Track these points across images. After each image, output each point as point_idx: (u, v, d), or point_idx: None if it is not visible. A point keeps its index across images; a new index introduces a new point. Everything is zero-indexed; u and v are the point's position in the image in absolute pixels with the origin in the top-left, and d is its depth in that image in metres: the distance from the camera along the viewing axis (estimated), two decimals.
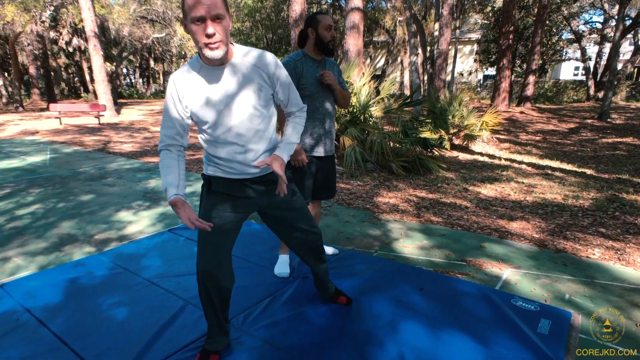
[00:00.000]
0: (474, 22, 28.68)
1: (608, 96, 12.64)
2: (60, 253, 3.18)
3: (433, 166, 6.08)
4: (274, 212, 1.92)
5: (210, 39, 1.45)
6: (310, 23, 2.44)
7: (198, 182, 5.44)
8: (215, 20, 1.44)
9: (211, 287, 1.75)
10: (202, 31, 1.44)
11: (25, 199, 4.65)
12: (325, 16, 2.43)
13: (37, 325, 2.14)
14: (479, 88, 24.56)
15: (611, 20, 20.05)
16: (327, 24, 2.40)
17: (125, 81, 35.56)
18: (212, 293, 1.76)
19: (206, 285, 1.74)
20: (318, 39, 2.42)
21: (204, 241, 1.73)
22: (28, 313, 2.25)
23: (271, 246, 3.17)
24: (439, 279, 2.65)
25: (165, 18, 19.60)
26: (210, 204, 1.74)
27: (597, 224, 3.84)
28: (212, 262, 1.72)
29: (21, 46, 20.79)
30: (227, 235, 1.75)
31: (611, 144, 8.92)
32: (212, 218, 1.71)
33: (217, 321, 1.85)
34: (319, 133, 2.54)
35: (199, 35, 1.45)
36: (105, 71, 14.01)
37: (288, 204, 1.91)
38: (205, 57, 1.53)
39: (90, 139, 9.75)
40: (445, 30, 11.33)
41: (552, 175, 5.88)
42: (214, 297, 1.77)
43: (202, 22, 1.43)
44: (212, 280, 1.73)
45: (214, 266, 1.72)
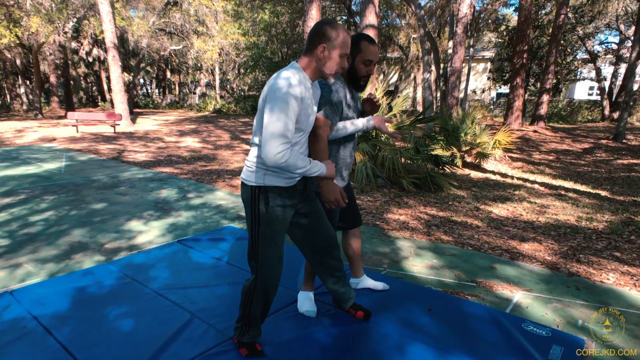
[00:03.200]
0: (487, 41, 28.75)
1: (623, 117, 12.48)
2: (70, 261, 3.21)
3: (444, 184, 6.04)
4: (303, 220, 2.02)
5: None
6: (351, 46, 2.07)
7: (209, 194, 5.47)
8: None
9: (271, 294, 1.98)
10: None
11: (39, 205, 4.73)
12: (371, 47, 2.07)
13: (43, 334, 2.15)
14: (492, 106, 24.46)
15: (627, 41, 19.91)
16: (369, 57, 2.07)
17: (142, 91, 36.27)
18: (272, 287, 1.97)
19: (268, 294, 1.97)
20: (352, 69, 2.11)
21: (272, 254, 1.90)
22: (35, 321, 2.27)
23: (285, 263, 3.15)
24: (448, 300, 2.60)
25: (183, 31, 20.03)
26: (272, 220, 1.86)
27: (612, 248, 3.75)
28: (278, 274, 1.97)
29: (43, 56, 21.40)
30: (281, 241, 1.94)
31: (626, 165, 8.77)
32: (276, 233, 1.88)
33: (263, 317, 2.04)
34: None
35: (342, 63, 1.80)
36: (122, 81, 14.32)
37: (317, 212, 2.04)
38: (319, 73, 1.80)
39: (106, 147, 9.92)
40: (459, 49, 11.36)
41: (566, 196, 5.79)
42: (271, 298, 2.00)
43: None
44: (274, 290, 1.99)
45: (277, 265, 1.94)
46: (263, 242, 1.87)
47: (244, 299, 1.98)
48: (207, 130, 14.47)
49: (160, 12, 19.33)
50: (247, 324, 2.01)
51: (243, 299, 1.98)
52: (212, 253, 3.31)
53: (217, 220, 4.33)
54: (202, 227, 4.09)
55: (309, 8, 8.23)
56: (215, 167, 7.57)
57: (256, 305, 1.96)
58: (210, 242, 3.56)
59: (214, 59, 20.92)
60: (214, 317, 2.33)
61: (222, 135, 12.94)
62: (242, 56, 22.96)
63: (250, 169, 1.83)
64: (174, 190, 5.66)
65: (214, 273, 2.94)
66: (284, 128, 1.63)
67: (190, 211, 4.65)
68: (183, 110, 25.87)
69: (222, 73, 29.86)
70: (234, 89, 31.75)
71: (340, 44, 1.74)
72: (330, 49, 1.74)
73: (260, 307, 1.98)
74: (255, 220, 1.85)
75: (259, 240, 1.87)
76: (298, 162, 1.68)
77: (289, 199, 1.88)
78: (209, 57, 19.85)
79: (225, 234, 3.80)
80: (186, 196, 5.34)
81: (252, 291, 1.95)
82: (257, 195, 1.82)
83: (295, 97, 1.66)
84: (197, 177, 6.59)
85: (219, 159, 8.55)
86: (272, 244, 1.88)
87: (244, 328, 2.02)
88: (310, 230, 2.04)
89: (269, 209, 1.82)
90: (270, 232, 1.86)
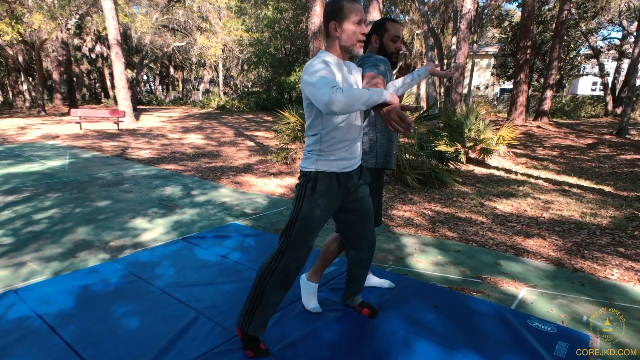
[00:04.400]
0: (491, 36, 28.58)
1: (627, 112, 12.40)
2: (75, 259, 3.22)
3: (448, 180, 6.02)
4: (352, 206, 2.05)
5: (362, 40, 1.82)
6: (376, 29, 2.26)
7: (214, 191, 5.48)
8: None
9: (291, 279, 1.94)
10: (361, 30, 1.80)
11: (43, 203, 4.74)
12: (395, 25, 2.25)
13: (49, 332, 2.16)
14: (495, 101, 24.35)
15: (630, 37, 19.75)
16: (395, 34, 2.24)
17: (145, 88, 36.29)
18: (292, 275, 1.94)
19: (287, 278, 1.93)
20: (381, 48, 2.26)
21: (306, 237, 1.90)
22: (40, 319, 2.28)
23: None
24: (453, 297, 2.60)
25: (186, 27, 19.99)
26: (315, 204, 1.90)
27: (616, 244, 3.73)
28: (304, 259, 1.94)
29: (46, 52, 21.43)
30: (319, 229, 1.94)
31: (630, 160, 8.72)
32: (315, 218, 1.90)
33: (274, 309, 1.98)
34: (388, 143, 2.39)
35: (355, 36, 1.80)
36: (126, 78, 14.33)
37: (365, 202, 2.07)
38: (346, 50, 1.84)
39: (109, 144, 9.94)
40: (463, 44, 11.29)
41: (570, 192, 5.76)
42: (291, 283, 1.95)
43: (359, 25, 1.79)
44: (294, 274, 1.94)
45: (305, 254, 1.93)
46: (300, 222, 1.89)
47: (259, 278, 1.94)
48: (210, 126, 14.47)
49: (164, 8, 19.29)
50: (254, 310, 1.93)
51: (258, 278, 1.95)
52: (217, 250, 3.32)
53: (222, 218, 4.33)
54: (206, 225, 4.10)
55: (313, 4, 8.20)
56: (219, 164, 7.58)
57: (271, 287, 1.92)
58: (215, 240, 3.56)
59: (217, 56, 20.89)
60: (219, 315, 2.33)
61: (226, 132, 12.94)
62: (246, 52, 22.93)
63: (305, 157, 1.93)
64: (178, 187, 5.67)
65: (219, 270, 2.95)
66: (323, 80, 1.64)
67: (195, 208, 4.65)
68: (186, 107, 25.88)
69: (225, 69, 29.85)
70: (238, 86, 31.74)
71: (347, 14, 1.77)
72: (340, 23, 1.79)
73: (275, 290, 1.93)
74: (300, 200, 1.91)
75: (297, 220, 1.90)
76: (354, 94, 1.61)
77: (336, 189, 1.93)
78: (212, 53, 19.80)
79: (230, 231, 3.80)
80: (190, 193, 5.34)
81: (271, 270, 1.92)
82: (307, 179, 1.90)
83: (324, 67, 1.72)
84: (201, 174, 6.59)
85: (223, 156, 8.55)
86: (309, 227, 1.89)
87: (250, 315, 1.94)
88: (352, 229, 2.12)
89: (315, 192, 1.88)
90: (310, 215, 1.89)
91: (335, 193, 1.93)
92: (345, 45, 1.82)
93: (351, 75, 1.92)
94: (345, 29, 1.80)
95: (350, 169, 1.97)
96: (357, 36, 1.81)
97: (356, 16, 1.79)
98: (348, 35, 1.80)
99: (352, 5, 1.79)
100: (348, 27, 1.79)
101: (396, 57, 2.29)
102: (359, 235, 2.13)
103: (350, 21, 1.79)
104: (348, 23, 1.79)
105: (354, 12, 1.78)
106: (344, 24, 1.79)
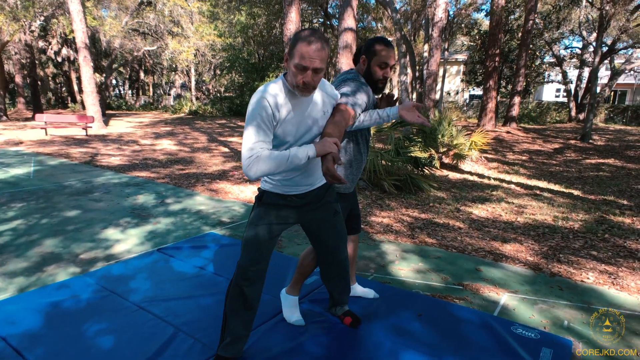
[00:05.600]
0: (460, 44, 29.37)
1: (589, 118, 12.96)
2: (42, 274, 3.04)
3: (424, 185, 6.09)
4: (314, 224, 2.03)
5: (306, 87, 1.64)
6: (366, 50, 2.09)
7: (188, 199, 5.33)
8: (315, 72, 1.62)
9: (249, 292, 1.89)
10: (301, 77, 1.61)
11: (6, 214, 4.48)
12: (386, 50, 2.05)
13: (14, 356, 2.01)
14: (465, 107, 24.99)
15: (589, 47, 20.74)
16: (384, 60, 2.05)
17: (115, 92, 35.28)
18: (247, 293, 1.88)
19: (244, 291, 1.88)
20: (368, 72, 2.10)
21: (248, 243, 1.88)
22: (4, 342, 2.12)
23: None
24: (437, 305, 2.60)
25: (157, 32, 19.58)
26: (264, 212, 1.90)
27: (589, 247, 3.85)
28: (257, 270, 1.90)
29: (8, 54, 20.51)
30: (270, 242, 1.92)
31: (594, 165, 9.09)
32: (262, 226, 1.88)
33: (244, 326, 1.93)
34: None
35: (297, 78, 1.62)
36: (94, 82, 13.87)
37: (329, 221, 2.03)
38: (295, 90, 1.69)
39: (77, 151, 9.56)
40: (435, 52, 11.53)
41: (541, 196, 5.93)
42: (248, 296, 1.89)
43: (303, 71, 1.60)
44: (252, 289, 1.90)
45: (254, 273, 1.89)
46: (248, 230, 1.90)
47: (226, 293, 1.97)
48: (183, 132, 14.17)
49: (134, 12, 18.84)
50: (224, 327, 1.95)
51: (226, 293, 1.98)
52: (195, 262, 3.21)
53: (198, 227, 4.21)
54: (182, 235, 3.97)
55: (289, 11, 8.18)
56: (193, 171, 7.40)
57: (232, 303, 1.91)
58: (192, 250, 3.45)
59: (189, 60, 20.53)
60: (199, 331, 2.24)
61: (199, 138, 12.70)
62: (219, 57, 22.66)
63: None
64: (152, 195, 5.49)
65: (198, 283, 2.85)
66: (248, 140, 1.64)
67: (170, 217, 4.51)
68: (157, 112, 25.30)
69: (197, 74, 29.38)
70: (210, 91, 31.29)
71: (295, 54, 1.59)
72: (289, 58, 1.64)
73: (236, 307, 1.90)
74: (250, 213, 1.95)
75: (245, 235, 1.91)
76: (270, 164, 1.60)
77: (284, 202, 1.91)
78: (184, 58, 19.47)
79: (207, 241, 3.69)
80: (164, 202, 5.18)
81: (230, 285, 1.95)
82: (259, 192, 1.94)
83: (263, 110, 1.65)
84: (175, 182, 6.42)
85: (197, 162, 8.37)
86: (255, 240, 1.87)
87: (222, 334, 1.96)
88: (319, 245, 2.11)
89: (261, 204, 1.91)
90: (256, 225, 1.88)
91: (282, 206, 1.90)
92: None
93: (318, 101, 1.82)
94: (290, 67, 1.65)
95: (302, 192, 1.91)
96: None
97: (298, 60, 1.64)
98: (291, 74, 1.68)
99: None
100: (292, 66, 1.64)
101: (382, 84, 2.12)
102: (325, 251, 2.12)
103: (294, 60, 1.62)
104: (292, 63, 1.63)
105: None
106: (290, 62, 1.65)
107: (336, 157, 1.63)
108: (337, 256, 2.12)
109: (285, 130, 1.73)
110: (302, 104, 1.75)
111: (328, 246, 2.09)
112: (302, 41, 1.57)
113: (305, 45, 1.56)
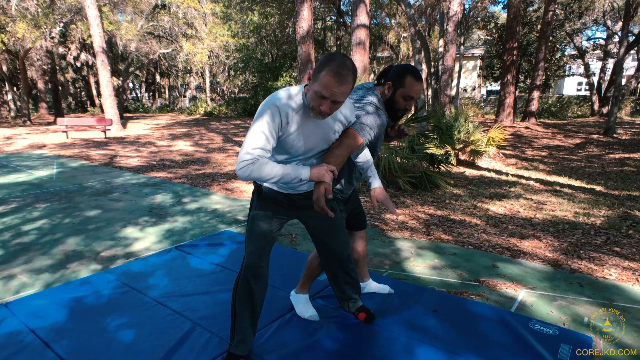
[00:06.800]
0: (477, 38, 28.93)
1: (613, 111, 12.61)
2: (66, 270, 3.13)
3: (440, 182, 6.03)
4: (312, 222, 2.04)
5: (321, 113, 1.63)
6: (395, 78, 2.02)
7: (205, 198, 5.41)
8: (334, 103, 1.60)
9: (256, 288, 1.91)
10: (319, 103, 1.60)
11: (32, 214, 4.63)
12: (415, 84, 2.00)
13: (42, 347, 2.08)
14: (482, 103, 24.62)
15: (614, 37, 20.15)
16: (409, 94, 2.00)
17: (132, 95, 35.93)
18: (254, 288, 1.90)
19: (251, 287, 1.90)
20: (391, 100, 2.06)
21: (253, 237, 1.91)
22: (33, 334, 2.20)
23: (280, 265, 3.11)
24: (452, 301, 2.58)
25: (172, 34, 19.85)
26: (261, 205, 1.93)
27: (611, 243, 3.76)
28: (261, 264, 1.93)
29: (30, 61, 21.09)
30: (273, 234, 1.95)
31: (619, 159, 8.86)
32: (264, 218, 1.91)
33: (251, 323, 1.96)
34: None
35: (315, 102, 1.61)
36: (112, 86, 14.15)
37: (325, 220, 2.03)
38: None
39: (97, 153, 9.78)
40: (451, 47, 11.39)
41: (561, 192, 5.81)
42: (256, 293, 1.91)
43: (323, 99, 1.58)
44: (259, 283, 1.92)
45: (257, 264, 1.91)
46: (251, 225, 1.92)
47: (233, 289, 1.99)
48: (199, 133, 14.35)
49: (149, 15, 19.14)
50: (234, 324, 1.97)
51: (233, 289, 2.00)
52: (211, 259, 3.26)
53: (214, 225, 4.27)
54: (199, 233, 4.03)
55: (301, 8, 8.19)
56: (209, 171, 7.50)
57: (240, 299, 1.93)
58: (209, 248, 3.50)
59: (203, 62, 20.75)
60: (216, 325, 2.28)
61: (215, 138, 12.85)
62: (232, 58, 22.84)
63: None
64: (169, 195, 5.59)
65: (214, 279, 2.89)
66: (249, 143, 1.63)
67: (187, 216, 4.58)
68: (173, 114, 25.67)
69: (212, 76, 29.69)
70: (225, 92, 31.59)
71: (320, 80, 1.56)
72: (313, 79, 1.61)
73: (246, 303, 1.92)
74: (250, 206, 1.98)
75: (248, 227, 1.94)
76: (263, 172, 1.60)
77: (283, 197, 1.93)
78: (198, 59, 19.68)
79: (223, 238, 3.74)
80: (181, 201, 5.26)
81: (236, 281, 1.97)
82: (256, 187, 1.95)
83: (272, 116, 1.63)
84: (192, 181, 6.51)
85: (213, 162, 8.47)
86: (256, 232, 1.90)
87: (232, 330, 1.98)
88: (318, 245, 2.12)
89: (260, 197, 1.93)
90: (258, 217, 1.91)
91: (281, 201, 1.93)
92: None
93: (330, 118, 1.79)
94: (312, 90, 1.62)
95: (301, 192, 1.93)
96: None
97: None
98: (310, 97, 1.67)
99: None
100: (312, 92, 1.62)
101: (402, 114, 2.11)
102: (325, 251, 2.13)
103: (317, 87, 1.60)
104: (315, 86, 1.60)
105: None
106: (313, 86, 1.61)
107: (328, 190, 1.65)
108: (338, 254, 2.13)
109: (291, 143, 1.73)
110: (314, 120, 1.73)
111: (327, 244, 2.09)
112: (330, 72, 1.53)
113: (332, 78, 1.53)
